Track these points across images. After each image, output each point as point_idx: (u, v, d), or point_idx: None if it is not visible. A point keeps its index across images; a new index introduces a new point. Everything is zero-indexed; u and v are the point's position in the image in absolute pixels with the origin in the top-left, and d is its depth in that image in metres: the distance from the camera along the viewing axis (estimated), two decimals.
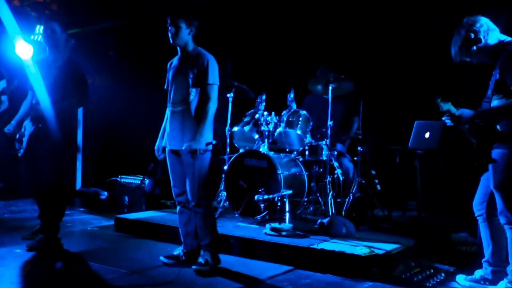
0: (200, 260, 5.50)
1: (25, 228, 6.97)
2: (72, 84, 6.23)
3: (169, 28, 5.52)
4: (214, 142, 5.57)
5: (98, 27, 8.59)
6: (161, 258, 5.80)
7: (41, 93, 6.17)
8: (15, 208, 8.95)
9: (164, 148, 5.83)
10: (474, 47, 4.83)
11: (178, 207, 5.83)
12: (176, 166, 5.72)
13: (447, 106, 5.02)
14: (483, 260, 5.20)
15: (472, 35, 4.81)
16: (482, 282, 5.15)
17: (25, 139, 6.31)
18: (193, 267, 5.46)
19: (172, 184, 5.80)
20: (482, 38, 4.80)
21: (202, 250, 5.61)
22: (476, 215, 5.19)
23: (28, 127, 6.31)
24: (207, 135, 5.49)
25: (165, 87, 5.88)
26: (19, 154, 6.37)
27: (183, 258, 5.77)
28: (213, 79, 5.54)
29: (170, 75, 5.78)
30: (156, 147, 5.93)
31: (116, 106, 9.44)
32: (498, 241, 5.04)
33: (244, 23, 10.79)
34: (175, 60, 5.83)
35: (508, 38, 4.82)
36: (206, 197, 5.59)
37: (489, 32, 4.83)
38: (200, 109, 5.54)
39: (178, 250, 5.86)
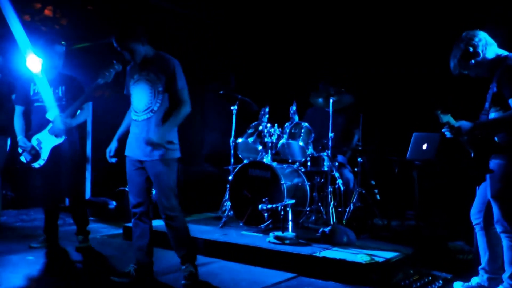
0: (185, 274, 5.36)
1: (36, 236, 7.01)
2: (77, 98, 6.50)
3: (123, 53, 5.26)
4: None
5: (107, 40, 8.72)
6: (112, 278, 5.45)
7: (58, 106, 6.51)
8: (26, 217, 9.00)
9: (116, 151, 5.57)
10: (473, 61, 4.90)
11: (132, 219, 5.54)
12: (134, 175, 5.45)
13: (447, 118, 5.08)
14: (480, 267, 5.27)
15: (471, 49, 4.88)
16: None
17: (44, 151, 6.54)
18: (182, 282, 5.30)
19: (129, 194, 5.54)
20: (480, 52, 4.87)
21: (182, 262, 5.45)
22: (473, 223, 5.26)
23: (46, 139, 6.54)
24: (172, 134, 5.32)
25: (125, 92, 5.62)
26: (37, 166, 6.58)
27: (134, 274, 5.46)
28: (182, 83, 5.31)
29: (131, 81, 5.46)
30: (108, 149, 5.60)
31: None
32: (494, 249, 5.11)
33: (247, 38, 10.91)
34: (134, 65, 5.46)
35: (505, 53, 4.90)
36: (176, 209, 5.38)
37: (487, 46, 4.90)
38: (171, 112, 5.29)
39: (129, 267, 5.51)
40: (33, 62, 6.60)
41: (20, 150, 6.60)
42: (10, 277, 5.51)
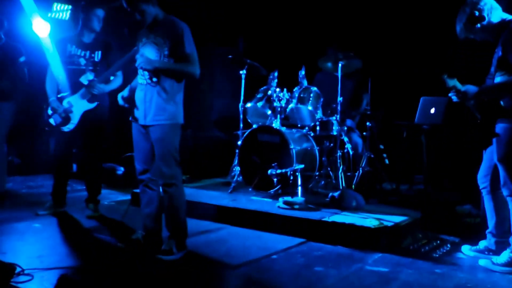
0: (165, 247, 5.16)
1: (43, 203, 6.94)
2: (113, 64, 6.41)
3: (134, 14, 5.08)
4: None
5: (113, 4, 8.64)
6: (119, 244, 5.51)
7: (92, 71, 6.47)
8: (33, 184, 8.96)
9: (127, 98, 5.38)
10: (478, 25, 4.93)
11: (139, 186, 5.45)
12: (140, 141, 5.33)
13: (453, 83, 5.05)
14: (487, 231, 5.33)
15: (477, 13, 4.90)
16: (486, 252, 5.30)
17: (75, 116, 6.48)
18: (158, 256, 5.06)
19: (135, 161, 5.43)
20: (486, 16, 4.90)
21: (168, 236, 5.27)
22: (480, 187, 5.31)
23: (78, 104, 6.48)
24: (177, 97, 5.20)
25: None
26: (66, 130, 6.50)
27: (142, 240, 5.43)
28: (191, 48, 5.14)
29: (139, 45, 5.29)
30: (120, 95, 5.43)
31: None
32: (501, 212, 5.16)
33: (256, 1, 10.85)
34: (144, 28, 5.30)
35: (510, 17, 4.91)
36: (176, 177, 5.22)
37: (493, 10, 4.92)
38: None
39: (136, 234, 5.52)
40: (39, 26, 6.51)
41: (50, 112, 6.50)
42: (16, 245, 5.46)
